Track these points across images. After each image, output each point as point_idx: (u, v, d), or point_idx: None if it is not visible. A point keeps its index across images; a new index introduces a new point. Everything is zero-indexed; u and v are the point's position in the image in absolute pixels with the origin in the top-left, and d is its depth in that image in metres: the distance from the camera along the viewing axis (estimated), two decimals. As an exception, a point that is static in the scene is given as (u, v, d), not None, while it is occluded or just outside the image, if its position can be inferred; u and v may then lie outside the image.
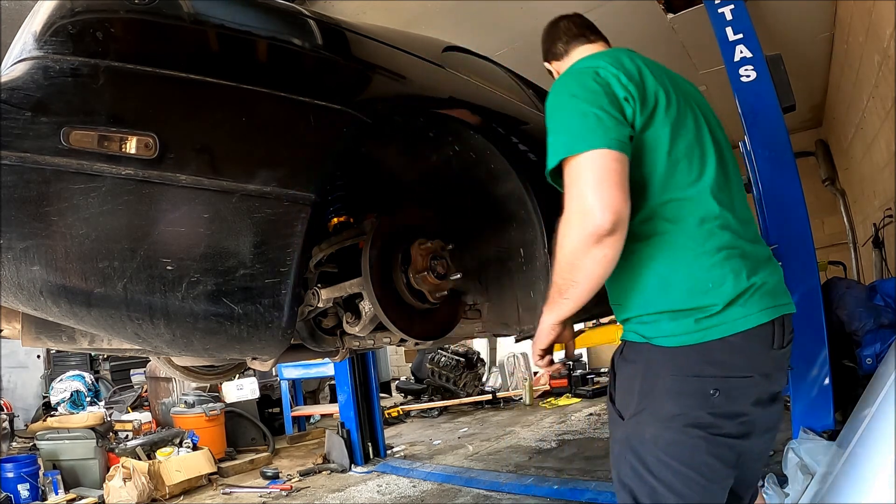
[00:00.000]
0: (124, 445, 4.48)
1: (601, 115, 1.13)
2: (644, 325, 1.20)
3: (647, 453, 1.16)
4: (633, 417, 1.19)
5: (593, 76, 1.18)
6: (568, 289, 1.17)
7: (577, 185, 1.11)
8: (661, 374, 1.16)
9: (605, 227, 1.07)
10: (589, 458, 4.18)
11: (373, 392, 4.90)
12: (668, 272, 1.17)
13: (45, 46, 1.15)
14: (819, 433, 2.57)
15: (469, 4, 4.17)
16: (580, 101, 1.15)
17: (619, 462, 1.21)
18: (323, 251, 1.67)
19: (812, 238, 2.77)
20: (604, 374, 7.97)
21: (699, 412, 1.13)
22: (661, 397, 1.15)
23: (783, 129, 2.86)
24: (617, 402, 1.24)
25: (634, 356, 1.21)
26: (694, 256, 1.17)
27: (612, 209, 1.07)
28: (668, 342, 1.15)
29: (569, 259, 1.13)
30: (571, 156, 1.12)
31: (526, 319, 2.11)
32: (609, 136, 1.11)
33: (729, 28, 3.00)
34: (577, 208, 1.11)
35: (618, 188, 1.09)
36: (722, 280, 1.15)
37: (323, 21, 1.65)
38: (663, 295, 1.17)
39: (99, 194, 1.13)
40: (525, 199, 1.93)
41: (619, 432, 1.22)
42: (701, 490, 1.15)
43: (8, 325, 1.65)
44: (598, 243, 1.09)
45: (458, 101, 1.87)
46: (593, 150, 1.10)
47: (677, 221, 1.18)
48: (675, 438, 1.14)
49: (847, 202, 6.36)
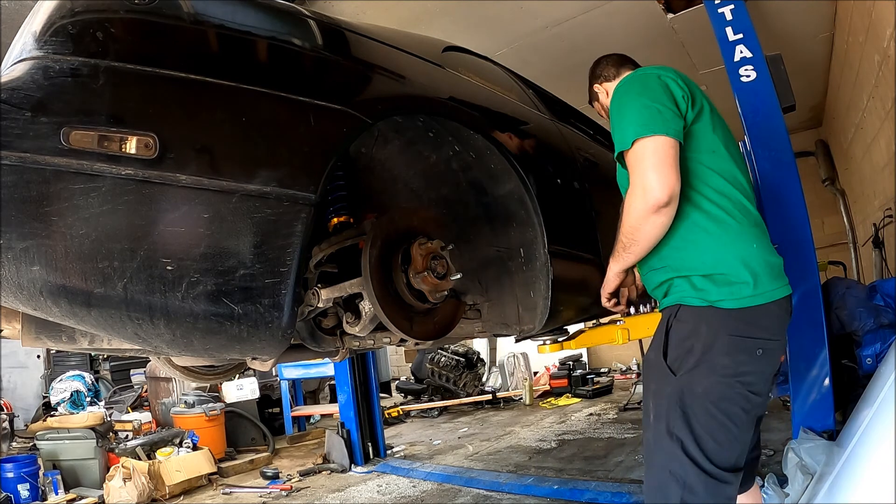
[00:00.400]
0: (124, 445, 4.48)
1: (662, 108, 1.37)
2: (703, 290, 1.39)
3: (697, 405, 1.34)
4: (688, 372, 1.36)
5: (655, 79, 1.44)
6: (630, 245, 1.45)
7: (641, 165, 1.36)
8: (721, 333, 1.35)
9: (662, 200, 1.33)
10: (589, 458, 4.18)
11: (373, 392, 4.90)
12: (727, 246, 1.39)
13: (45, 46, 1.15)
14: (819, 433, 2.57)
15: (469, 4, 4.17)
16: (645, 97, 1.40)
17: (668, 414, 1.37)
18: (323, 251, 1.67)
19: (812, 238, 2.77)
20: (603, 374, 7.98)
21: (746, 367, 1.35)
22: (719, 353, 1.34)
23: (783, 129, 2.85)
24: (669, 359, 1.40)
25: (693, 318, 1.39)
26: (746, 233, 1.41)
27: (668, 186, 1.33)
28: (728, 304, 1.35)
29: (632, 223, 1.40)
30: (637, 139, 1.36)
31: (526, 319, 2.11)
32: (668, 125, 1.36)
33: (729, 28, 3.00)
34: (640, 184, 1.36)
35: (672, 169, 1.34)
36: (765, 255, 1.40)
37: (323, 21, 1.64)
38: (723, 263, 1.38)
39: (99, 194, 1.13)
40: (525, 199, 1.94)
41: (670, 387, 1.38)
42: (734, 440, 1.35)
43: (8, 325, 1.65)
44: (655, 213, 1.35)
45: (458, 101, 1.87)
46: (655, 136, 1.35)
47: (729, 199, 1.42)
48: (724, 392, 1.34)
49: (847, 202, 6.35)
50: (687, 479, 1.31)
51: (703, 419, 1.33)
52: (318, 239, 1.71)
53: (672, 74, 1.45)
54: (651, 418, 1.41)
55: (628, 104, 1.42)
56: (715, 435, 1.33)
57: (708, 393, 1.34)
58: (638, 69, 1.59)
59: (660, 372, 1.41)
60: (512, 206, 1.99)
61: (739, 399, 1.35)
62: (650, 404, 1.42)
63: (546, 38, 4.58)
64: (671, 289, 1.46)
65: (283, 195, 1.29)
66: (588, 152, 2.62)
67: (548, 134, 2.43)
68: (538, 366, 7.90)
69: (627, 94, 1.45)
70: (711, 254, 1.39)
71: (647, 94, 1.40)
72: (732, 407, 1.34)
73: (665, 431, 1.36)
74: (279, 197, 1.29)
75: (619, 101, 1.46)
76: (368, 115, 1.49)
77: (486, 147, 1.88)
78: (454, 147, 1.92)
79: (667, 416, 1.36)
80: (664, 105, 1.38)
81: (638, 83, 1.46)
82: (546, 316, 2.02)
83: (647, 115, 1.37)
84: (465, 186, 2.04)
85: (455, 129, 1.85)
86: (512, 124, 2.11)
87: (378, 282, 1.51)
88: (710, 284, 1.38)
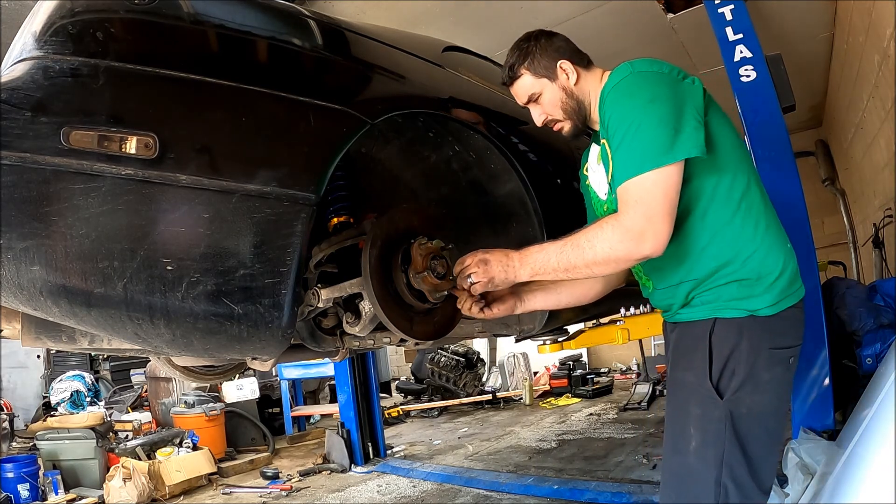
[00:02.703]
0: (124, 445, 4.48)
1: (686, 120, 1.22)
2: (742, 299, 1.27)
3: (748, 428, 1.26)
4: (734, 394, 1.26)
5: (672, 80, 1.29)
6: (580, 268, 1.26)
7: (647, 205, 1.20)
8: (762, 348, 1.27)
9: (649, 255, 1.21)
10: (589, 458, 4.18)
11: (373, 392, 4.90)
12: (768, 246, 1.29)
13: (45, 46, 1.15)
14: (819, 433, 2.57)
15: (469, 4, 4.17)
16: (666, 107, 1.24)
17: (717, 440, 1.26)
18: (323, 251, 1.67)
19: (812, 238, 2.77)
20: (603, 374, 7.98)
21: (783, 380, 1.30)
22: (761, 370, 1.26)
23: (783, 129, 2.85)
24: (716, 381, 1.27)
25: (734, 333, 1.28)
26: (776, 240, 1.31)
27: (662, 243, 1.20)
28: (768, 311, 1.26)
29: (599, 258, 1.24)
30: (650, 170, 1.19)
31: (526, 319, 2.11)
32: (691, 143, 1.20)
33: (729, 28, 2.99)
34: (639, 227, 1.19)
35: (671, 218, 1.20)
36: (786, 255, 1.31)
37: (323, 21, 1.64)
38: (765, 264, 1.28)
39: (99, 194, 1.13)
40: (525, 198, 1.93)
41: (718, 411, 1.26)
42: (774, 453, 1.32)
43: (8, 325, 1.65)
44: (632, 263, 1.26)
45: (458, 101, 1.87)
46: (668, 168, 1.19)
47: (761, 196, 1.34)
48: (767, 410, 1.27)
49: (847, 202, 6.35)
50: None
51: (754, 443, 1.26)
52: (318, 239, 1.71)
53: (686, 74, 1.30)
54: (694, 445, 1.28)
55: (641, 115, 1.21)
56: (767, 458, 1.28)
57: (754, 412, 1.26)
58: (634, 63, 1.32)
59: (703, 395, 1.28)
60: (512, 206, 1.99)
61: (779, 414, 1.31)
62: (691, 431, 1.29)
63: (546, 38, 4.57)
64: (701, 299, 1.32)
65: (284, 195, 1.29)
66: (588, 152, 2.62)
67: (548, 134, 2.42)
68: (538, 366, 7.91)
69: (637, 97, 1.24)
70: (757, 255, 1.27)
71: (665, 103, 1.21)
72: (774, 423, 1.30)
73: (714, 459, 1.25)
74: (279, 197, 1.29)
75: (627, 106, 1.25)
76: (368, 115, 1.48)
77: (486, 147, 1.88)
78: (454, 147, 1.92)
79: (715, 442, 1.25)
80: (684, 118, 1.21)
81: (650, 85, 1.25)
82: (546, 316, 2.02)
83: (666, 134, 1.18)
84: (465, 186, 2.04)
85: (455, 129, 1.85)
86: (512, 124, 2.11)
87: (378, 282, 1.51)
88: (748, 291, 1.27)
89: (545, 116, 1.54)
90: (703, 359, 1.29)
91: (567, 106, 1.50)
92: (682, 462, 1.30)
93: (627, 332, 3.85)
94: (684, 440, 1.30)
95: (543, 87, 1.50)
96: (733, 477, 1.24)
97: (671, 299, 1.40)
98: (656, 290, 1.44)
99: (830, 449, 2.30)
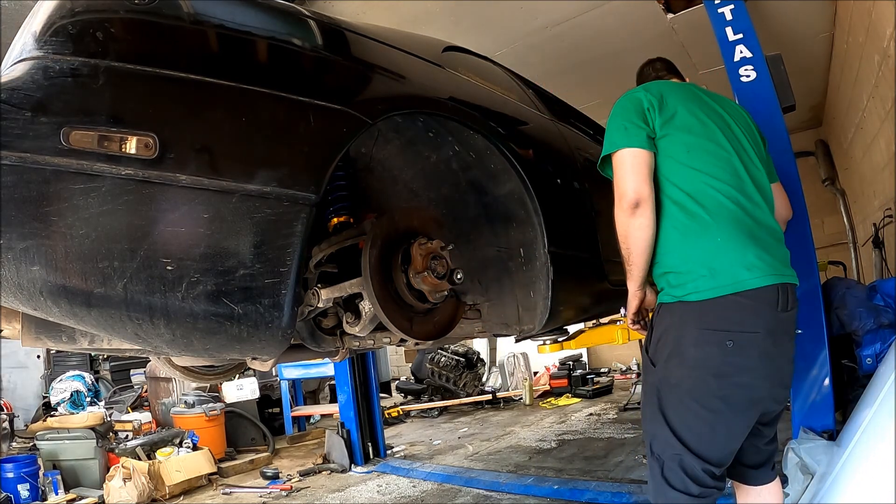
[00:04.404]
0: (124, 445, 4.48)
1: (628, 125, 1.56)
2: (674, 287, 1.50)
3: (670, 395, 1.47)
4: (664, 364, 1.49)
5: (630, 98, 1.63)
6: (628, 257, 1.55)
7: (615, 176, 1.56)
8: (689, 326, 1.46)
9: (632, 200, 1.48)
10: (589, 458, 4.18)
11: (373, 392, 4.90)
12: (692, 242, 1.49)
13: (45, 46, 1.15)
14: (819, 433, 2.57)
15: (469, 4, 4.17)
16: (619, 118, 1.60)
17: (648, 402, 1.53)
18: (323, 251, 1.67)
19: (812, 238, 2.78)
20: (603, 374, 7.98)
21: (717, 360, 1.42)
22: (688, 346, 1.45)
23: (783, 129, 2.85)
24: (650, 352, 1.55)
25: (667, 314, 1.51)
26: (715, 228, 1.47)
27: (634, 188, 1.49)
28: (693, 297, 1.45)
29: (620, 231, 1.54)
30: (610, 153, 1.57)
31: (526, 319, 2.11)
32: (631, 138, 1.54)
33: (729, 28, 3.00)
34: (616, 192, 1.53)
35: (636, 174, 1.50)
36: (731, 247, 1.45)
37: (323, 21, 1.64)
38: (688, 259, 1.48)
39: (99, 194, 1.13)
40: (525, 199, 1.93)
41: (651, 377, 1.54)
42: (709, 428, 1.44)
43: (8, 325, 1.65)
44: (632, 215, 1.49)
45: (458, 101, 1.87)
46: (620, 151, 1.54)
47: (701, 196, 1.51)
48: (694, 383, 1.44)
49: (847, 202, 6.35)
50: (665, 460, 1.46)
51: (676, 409, 1.46)
52: (318, 239, 1.71)
53: (651, 88, 1.63)
54: (642, 403, 1.58)
55: (609, 124, 1.62)
56: (691, 425, 1.44)
57: (680, 384, 1.46)
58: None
59: (645, 364, 1.57)
60: (512, 206, 1.99)
61: (714, 390, 1.43)
62: (643, 392, 1.60)
63: (546, 38, 4.57)
64: (658, 286, 1.59)
65: (284, 195, 1.29)
66: (588, 152, 2.62)
67: (548, 134, 2.43)
68: (538, 366, 7.90)
69: (610, 116, 1.64)
70: (678, 251, 1.50)
71: (621, 115, 1.60)
72: (707, 398, 1.43)
73: (649, 416, 1.52)
74: (279, 197, 1.29)
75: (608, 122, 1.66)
76: (368, 115, 1.49)
77: (486, 147, 1.88)
78: (454, 147, 1.92)
79: (647, 401, 1.53)
80: (630, 121, 1.56)
81: (617, 104, 1.64)
82: (546, 316, 2.02)
83: (617, 133, 1.56)
84: (465, 186, 2.04)
85: (455, 128, 1.85)
86: (512, 124, 2.11)
87: (378, 282, 1.51)
88: (677, 280, 1.50)
89: None
90: (648, 333, 1.59)
91: None
92: (643, 411, 1.58)
93: (627, 332, 3.85)
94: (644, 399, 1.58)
95: None
96: (657, 436, 1.48)
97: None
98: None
99: (830, 449, 2.30)
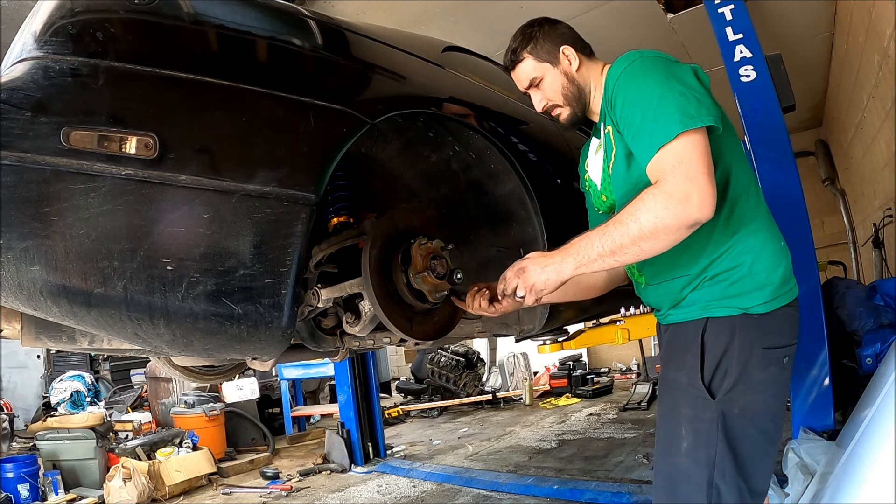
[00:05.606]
0: (124, 445, 4.48)
1: (700, 97, 1.21)
2: (736, 296, 1.26)
3: (740, 429, 1.23)
4: (727, 394, 1.24)
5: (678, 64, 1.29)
6: (624, 252, 1.19)
7: (687, 167, 1.14)
8: (755, 347, 1.24)
9: (702, 219, 1.14)
10: (589, 458, 4.18)
11: (373, 392, 4.90)
12: (752, 248, 1.27)
13: (45, 46, 1.15)
14: (819, 433, 2.57)
15: (469, 4, 4.17)
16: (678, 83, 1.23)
17: (708, 440, 1.24)
18: (323, 251, 1.67)
19: (812, 238, 2.78)
20: (603, 374, 7.98)
21: (778, 379, 1.27)
22: (754, 369, 1.24)
23: (783, 129, 2.86)
24: (707, 381, 1.26)
25: (726, 333, 1.26)
26: (769, 237, 1.30)
27: (712, 203, 1.13)
28: (760, 309, 1.25)
29: (649, 229, 1.15)
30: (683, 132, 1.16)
31: (526, 319, 2.11)
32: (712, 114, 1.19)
33: (729, 28, 3.00)
34: (683, 190, 1.13)
35: (713, 179, 1.16)
36: (783, 258, 1.30)
37: (323, 21, 1.64)
38: (756, 262, 1.26)
39: (99, 194, 1.13)
40: (525, 198, 1.93)
41: (710, 412, 1.25)
42: (770, 454, 1.28)
43: (8, 325, 1.65)
44: (687, 230, 1.15)
45: (458, 101, 1.87)
46: (700, 130, 1.17)
47: (757, 193, 1.33)
48: (760, 410, 1.25)
49: (847, 202, 6.36)
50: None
51: (747, 444, 1.24)
52: (318, 239, 1.71)
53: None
54: (685, 446, 1.27)
55: (661, 88, 1.20)
56: (761, 459, 1.26)
57: (747, 413, 1.24)
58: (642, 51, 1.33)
59: (694, 395, 1.27)
60: (512, 206, 1.99)
61: (775, 415, 1.29)
62: (682, 431, 1.27)
63: (546, 38, 4.57)
64: (692, 297, 1.31)
65: (284, 195, 1.29)
66: (588, 152, 2.62)
67: (548, 134, 2.43)
68: (538, 366, 7.91)
69: (652, 76, 1.23)
70: (751, 254, 1.26)
71: (681, 80, 1.21)
72: (770, 424, 1.27)
73: (706, 460, 1.24)
74: (279, 197, 1.29)
75: (643, 84, 1.24)
76: (368, 115, 1.48)
77: (486, 147, 1.88)
78: (454, 147, 1.92)
79: (707, 443, 1.24)
80: (701, 93, 1.21)
81: (663, 66, 1.25)
82: (546, 316, 2.02)
83: (689, 103, 1.17)
84: (465, 186, 2.04)
85: (455, 129, 1.85)
86: (512, 124, 2.11)
87: (378, 282, 1.51)
88: (743, 288, 1.26)
89: (545, 102, 1.53)
90: (695, 358, 1.27)
91: (568, 92, 1.49)
92: (674, 463, 1.29)
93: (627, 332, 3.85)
94: (676, 441, 1.28)
95: (545, 72, 1.50)
96: (725, 478, 1.22)
97: (663, 296, 1.38)
98: (648, 286, 1.42)
99: (830, 449, 2.30)
